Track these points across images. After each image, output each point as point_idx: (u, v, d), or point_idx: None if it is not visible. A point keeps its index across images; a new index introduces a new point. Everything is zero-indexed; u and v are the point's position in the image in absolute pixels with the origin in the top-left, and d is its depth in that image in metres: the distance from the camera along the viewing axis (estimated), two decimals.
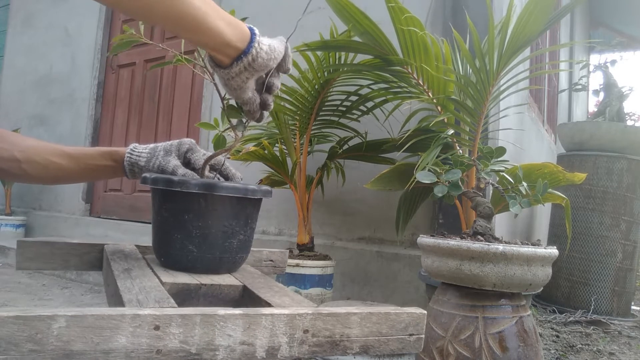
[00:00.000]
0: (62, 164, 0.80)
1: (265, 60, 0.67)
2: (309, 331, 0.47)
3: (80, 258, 0.85)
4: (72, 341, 0.38)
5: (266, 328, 0.45)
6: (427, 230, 2.11)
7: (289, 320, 0.46)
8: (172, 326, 0.42)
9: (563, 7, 1.52)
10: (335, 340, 0.48)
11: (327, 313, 0.48)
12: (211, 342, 0.43)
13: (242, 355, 0.44)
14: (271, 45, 0.68)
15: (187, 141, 0.81)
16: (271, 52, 0.68)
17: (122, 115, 3.67)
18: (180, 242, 0.69)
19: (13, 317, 0.36)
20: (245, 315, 0.44)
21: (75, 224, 3.66)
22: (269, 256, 0.93)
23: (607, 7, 5.38)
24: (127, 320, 0.40)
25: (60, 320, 0.38)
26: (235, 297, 0.66)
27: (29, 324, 0.37)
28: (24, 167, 0.77)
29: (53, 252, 0.83)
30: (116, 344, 0.40)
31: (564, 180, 1.55)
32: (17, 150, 0.77)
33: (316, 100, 1.90)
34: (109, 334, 0.40)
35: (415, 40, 1.49)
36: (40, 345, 0.37)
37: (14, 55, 4.51)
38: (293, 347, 0.46)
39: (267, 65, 0.68)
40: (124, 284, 0.58)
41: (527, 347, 1.14)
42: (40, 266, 0.83)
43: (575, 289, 2.54)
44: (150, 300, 0.52)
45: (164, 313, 0.42)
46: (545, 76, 3.64)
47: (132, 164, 0.80)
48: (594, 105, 5.31)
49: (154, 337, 0.41)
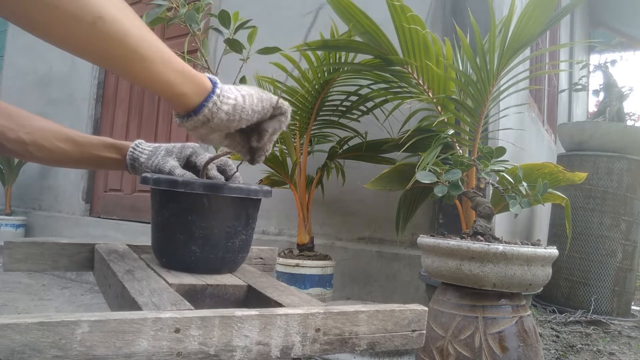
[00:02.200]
0: (68, 150, 0.79)
1: (225, 121, 0.58)
2: (321, 330, 0.48)
3: (70, 258, 0.84)
4: (95, 346, 0.38)
5: (281, 328, 0.46)
6: (427, 230, 2.11)
7: (302, 319, 0.47)
8: (192, 328, 0.42)
9: (563, 7, 1.52)
10: (344, 338, 0.49)
11: (338, 312, 0.49)
12: (229, 343, 0.44)
13: (258, 355, 0.45)
14: (237, 105, 0.58)
15: (190, 145, 0.81)
16: (237, 113, 0.58)
17: (122, 115, 3.67)
18: (183, 243, 0.69)
19: (37, 324, 0.36)
20: (262, 315, 0.45)
21: (75, 224, 3.66)
22: (259, 254, 0.93)
23: (607, 7, 5.38)
24: (148, 323, 0.40)
25: (84, 326, 0.38)
26: (241, 297, 0.66)
27: (53, 329, 0.37)
28: (30, 149, 0.77)
29: (42, 252, 0.82)
30: (138, 347, 0.40)
31: (564, 180, 1.55)
32: (24, 131, 0.76)
33: (316, 100, 1.90)
34: (131, 338, 0.40)
35: (416, 38, 1.49)
36: (64, 351, 0.37)
37: (14, 55, 4.51)
38: (306, 345, 0.47)
39: (228, 127, 0.59)
40: (132, 286, 0.58)
41: (527, 347, 1.14)
42: (29, 267, 0.81)
43: (575, 289, 2.54)
44: (166, 302, 0.53)
45: (184, 316, 0.42)
46: (545, 76, 3.64)
47: (133, 159, 0.80)
48: (594, 105, 5.31)
49: (175, 340, 0.41)
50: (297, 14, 2.57)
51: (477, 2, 1.95)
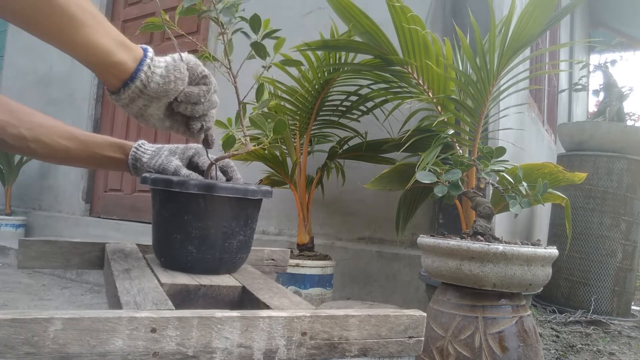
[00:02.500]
0: (71, 148, 0.79)
1: (162, 85, 0.60)
2: (307, 334, 0.47)
3: (82, 257, 0.85)
4: (68, 344, 0.38)
5: (264, 331, 0.45)
6: (427, 230, 2.11)
7: (286, 322, 0.46)
8: (169, 329, 0.42)
9: (563, 7, 1.52)
10: (333, 342, 0.48)
11: (326, 315, 0.47)
12: (208, 344, 0.43)
13: (239, 358, 0.44)
14: (169, 66, 0.61)
15: (193, 146, 0.81)
16: (170, 74, 0.60)
17: (122, 115, 3.66)
18: (180, 243, 0.69)
19: (9, 320, 0.36)
20: (243, 317, 0.44)
21: (76, 224, 3.66)
22: (271, 255, 0.93)
23: (607, 7, 5.38)
24: (123, 322, 0.40)
25: (57, 323, 0.38)
26: (235, 299, 0.66)
27: (26, 326, 0.37)
28: (31, 145, 0.77)
29: (55, 251, 0.83)
30: (113, 346, 0.40)
31: (564, 180, 1.55)
32: (25, 127, 0.76)
33: (316, 100, 1.90)
34: (106, 337, 0.39)
35: (416, 39, 1.49)
36: (37, 348, 0.37)
37: (14, 55, 4.51)
38: (291, 349, 0.46)
39: (166, 90, 0.60)
40: (122, 285, 0.58)
41: (527, 347, 1.14)
42: (42, 265, 0.83)
43: (575, 289, 2.54)
44: (148, 302, 0.52)
45: (161, 316, 0.41)
46: (545, 76, 3.64)
47: (135, 159, 0.80)
48: (594, 105, 5.31)
49: (151, 340, 0.41)
50: (297, 14, 2.57)
51: (477, 1, 1.95)
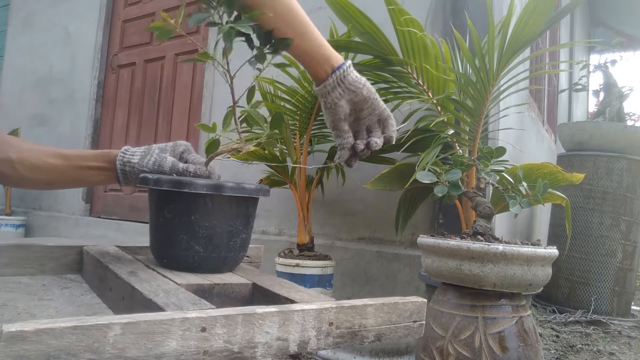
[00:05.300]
0: (55, 164, 0.78)
1: (355, 80, 0.76)
2: (334, 323, 0.50)
3: (58, 261, 0.82)
4: (127, 348, 0.39)
5: (298, 323, 0.48)
6: (427, 230, 2.11)
7: (317, 314, 0.49)
8: (217, 327, 0.43)
9: (563, 7, 1.52)
10: (354, 330, 0.52)
11: (349, 306, 0.52)
12: (251, 340, 0.45)
13: (278, 350, 0.47)
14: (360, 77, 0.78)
15: (182, 143, 0.81)
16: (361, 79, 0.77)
17: (122, 115, 3.67)
18: (186, 243, 0.69)
19: (71, 327, 0.36)
20: (281, 312, 0.47)
21: (75, 224, 3.66)
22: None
23: (607, 7, 5.38)
24: (176, 324, 0.41)
25: (116, 328, 0.38)
26: (247, 295, 0.67)
27: (87, 333, 0.37)
28: (16, 167, 0.76)
29: (28, 256, 0.79)
30: (167, 347, 0.41)
31: (563, 180, 1.55)
32: (13, 151, 0.76)
33: (316, 100, 1.90)
34: (161, 339, 0.40)
35: (415, 41, 1.49)
36: (98, 354, 0.38)
37: (14, 55, 4.51)
38: (320, 339, 0.50)
39: (357, 87, 0.76)
40: (143, 287, 0.58)
41: (527, 347, 1.14)
42: (15, 272, 0.78)
43: (575, 289, 2.54)
44: (186, 302, 0.53)
45: (209, 315, 0.43)
46: (545, 76, 3.64)
47: (124, 163, 0.78)
48: (594, 105, 5.31)
49: (201, 339, 0.42)
50: None
51: (477, 1, 1.95)
